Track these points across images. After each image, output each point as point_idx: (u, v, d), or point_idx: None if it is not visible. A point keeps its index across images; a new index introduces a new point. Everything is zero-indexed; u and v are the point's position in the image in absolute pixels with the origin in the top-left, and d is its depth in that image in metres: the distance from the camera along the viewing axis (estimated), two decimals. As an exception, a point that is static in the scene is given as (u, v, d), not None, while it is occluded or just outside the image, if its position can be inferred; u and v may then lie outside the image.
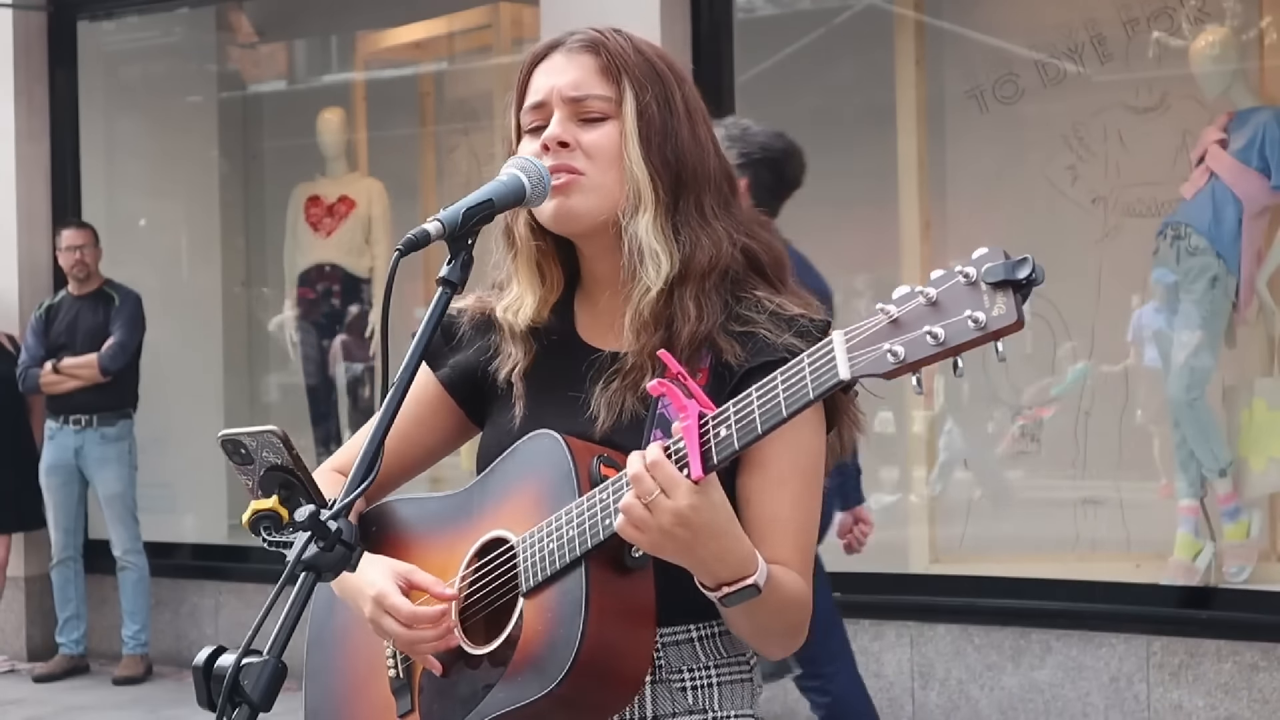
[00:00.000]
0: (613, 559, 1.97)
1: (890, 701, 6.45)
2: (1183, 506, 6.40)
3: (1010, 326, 1.66)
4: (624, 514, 1.87)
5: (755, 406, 1.81)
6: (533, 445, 2.08)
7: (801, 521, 2.05)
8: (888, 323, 1.72)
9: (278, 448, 1.90)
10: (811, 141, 5.57)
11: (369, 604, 2.09)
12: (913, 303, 1.71)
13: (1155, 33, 6.68)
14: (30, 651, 8.50)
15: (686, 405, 1.85)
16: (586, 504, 1.97)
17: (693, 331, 2.04)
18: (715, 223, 2.09)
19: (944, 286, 1.70)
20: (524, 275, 2.17)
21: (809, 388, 1.77)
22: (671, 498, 1.84)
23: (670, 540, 1.86)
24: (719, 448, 1.84)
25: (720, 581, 1.91)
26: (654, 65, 2.12)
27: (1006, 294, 1.66)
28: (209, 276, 9.34)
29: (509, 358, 2.19)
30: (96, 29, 9.07)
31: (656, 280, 2.05)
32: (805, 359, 1.78)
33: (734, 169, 2.19)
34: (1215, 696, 5.89)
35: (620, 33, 2.14)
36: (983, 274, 1.68)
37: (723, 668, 2.10)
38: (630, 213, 2.07)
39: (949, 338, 1.68)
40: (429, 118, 9.18)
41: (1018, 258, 1.67)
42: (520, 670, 2.00)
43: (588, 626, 1.94)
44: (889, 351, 1.71)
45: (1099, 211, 6.78)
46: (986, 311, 1.67)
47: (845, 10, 7.58)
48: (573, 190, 2.08)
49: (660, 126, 2.08)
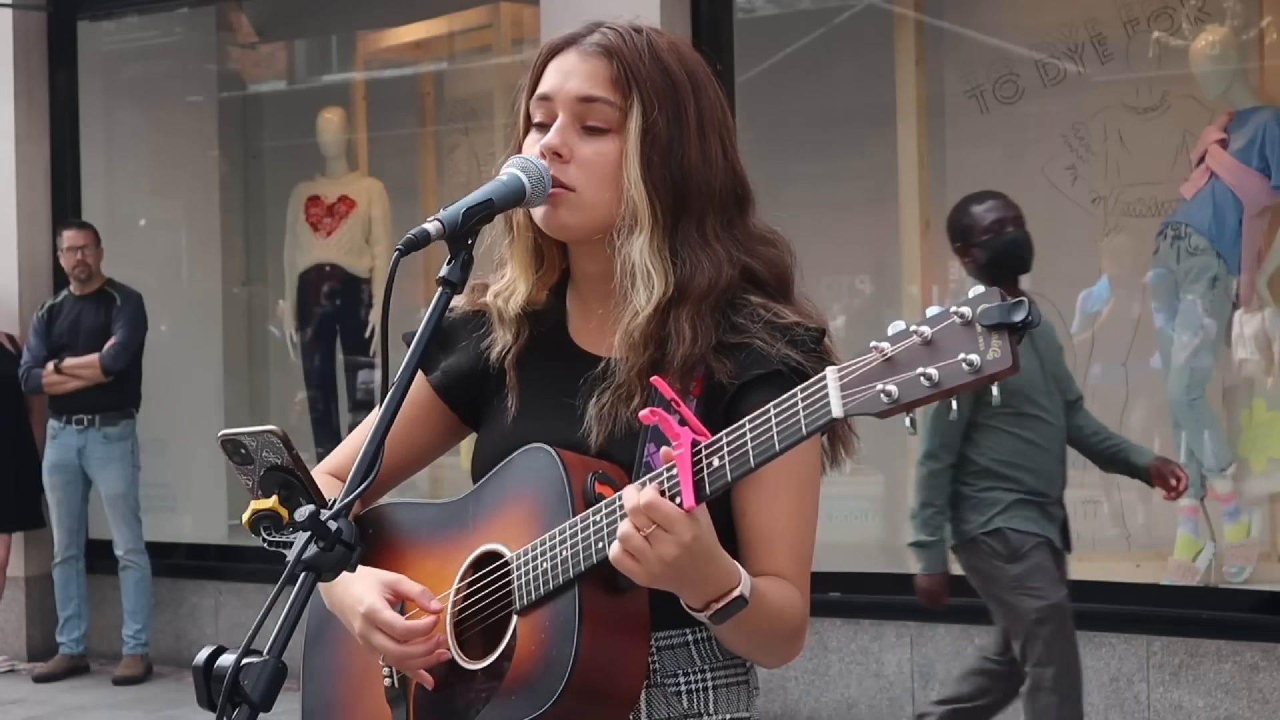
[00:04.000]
0: (606, 578, 1.96)
1: (890, 701, 6.45)
2: (1183, 506, 6.40)
3: (1005, 371, 1.65)
4: (621, 544, 1.86)
5: (748, 439, 1.80)
6: (528, 459, 2.07)
7: (798, 533, 2.04)
8: (882, 361, 1.71)
9: (278, 448, 1.90)
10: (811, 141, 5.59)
11: (358, 620, 2.08)
12: (907, 341, 1.70)
13: (1155, 33, 6.69)
14: (30, 651, 8.50)
15: (680, 433, 1.84)
16: (580, 525, 1.96)
17: (686, 354, 2.02)
18: (716, 244, 2.05)
19: (939, 326, 1.69)
20: (518, 261, 2.16)
21: (802, 424, 1.76)
22: (672, 533, 1.84)
23: (668, 570, 1.85)
24: (711, 478, 1.83)
25: (707, 600, 1.91)
26: (671, 75, 2.06)
27: (1002, 336, 1.65)
28: (209, 276, 9.34)
29: (499, 341, 2.18)
30: (96, 29, 9.07)
31: (646, 305, 2.03)
32: (799, 393, 1.77)
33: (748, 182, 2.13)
34: (1215, 696, 5.89)
35: (642, 34, 2.08)
36: (978, 315, 1.67)
37: (718, 671, 2.10)
38: (625, 233, 2.04)
39: (943, 379, 1.67)
40: (429, 118, 9.19)
41: (1014, 300, 1.66)
42: (514, 689, 2.00)
43: (580, 648, 1.94)
44: (882, 391, 1.70)
45: (1099, 211, 6.78)
46: (981, 354, 1.66)
47: (845, 10, 7.58)
48: (560, 204, 2.05)
49: (665, 145, 2.04)
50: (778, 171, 7.37)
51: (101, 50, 9.15)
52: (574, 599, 1.96)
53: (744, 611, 1.91)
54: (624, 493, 1.88)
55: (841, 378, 1.74)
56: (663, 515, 1.83)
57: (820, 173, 7.67)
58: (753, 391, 2.00)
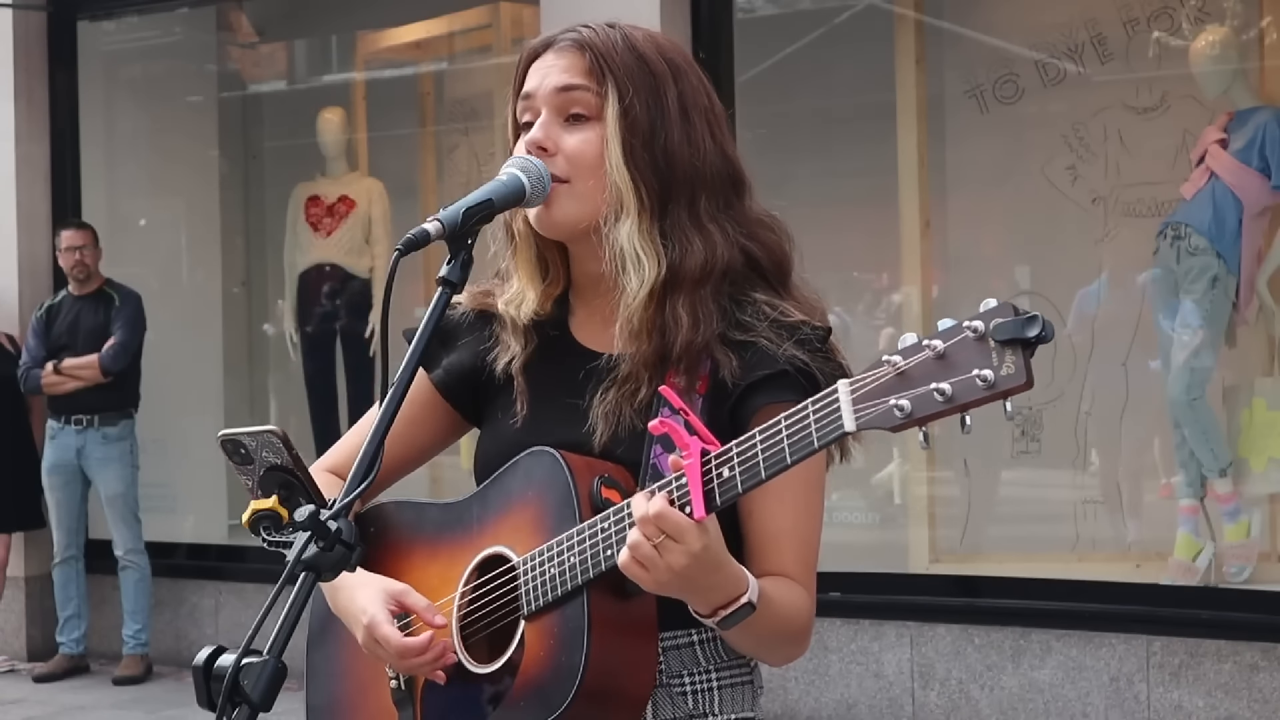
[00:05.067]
0: (614, 584, 1.96)
1: (890, 701, 6.45)
2: (1183, 506, 6.40)
3: (1020, 387, 1.63)
4: (630, 552, 1.85)
5: (759, 450, 1.79)
6: (533, 462, 2.06)
7: (804, 534, 2.04)
8: (894, 375, 1.70)
9: (278, 448, 1.90)
10: (811, 141, 5.58)
11: (361, 631, 2.09)
12: (920, 355, 1.68)
13: (1155, 33, 6.68)
14: (30, 651, 8.50)
15: (689, 442, 1.82)
16: (589, 531, 1.95)
17: (688, 340, 2.02)
18: (710, 225, 2.06)
19: (952, 341, 1.67)
20: (524, 270, 2.16)
21: (814, 438, 1.75)
22: (682, 543, 1.83)
23: (677, 578, 1.85)
24: (722, 489, 1.82)
25: (715, 607, 1.91)
26: (646, 62, 2.08)
27: (1016, 352, 1.63)
28: (209, 276, 9.34)
29: (508, 349, 2.17)
30: (96, 29, 9.07)
31: (639, 288, 2.03)
32: (810, 406, 1.76)
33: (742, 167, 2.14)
34: (1215, 696, 5.89)
35: (615, 28, 2.10)
36: (991, 330, 1.65)
37: (723, 671, 2.10)
38: (612, 219, 2.05)
39: (956, 395, 1.66)
40: (429, 118, 9.18)
41: (1027, 315, 1.64)
42: (523, 695, 2.00)
43: (590, 654, 1.94)
44: (895, 406, 1.69)
45: (1099, 211, 6.78)
46: (995, 370, 1.64)
47: (845, 10, 7.58)
48: (554, 197, 2.06)
49: (647, 129, 2.05)
50: (778, 171, 7.37)
51: (101, 50, 9.15)
52: (583, 605, 1.96)
53: (752, 616, 1.91)
54: (633, 501, 1.88)
55: (853, 391, 1.72)
56: (672, 525, 1.83)
57: (820, 172, 7.67)
58: (758, 392, 2.00)
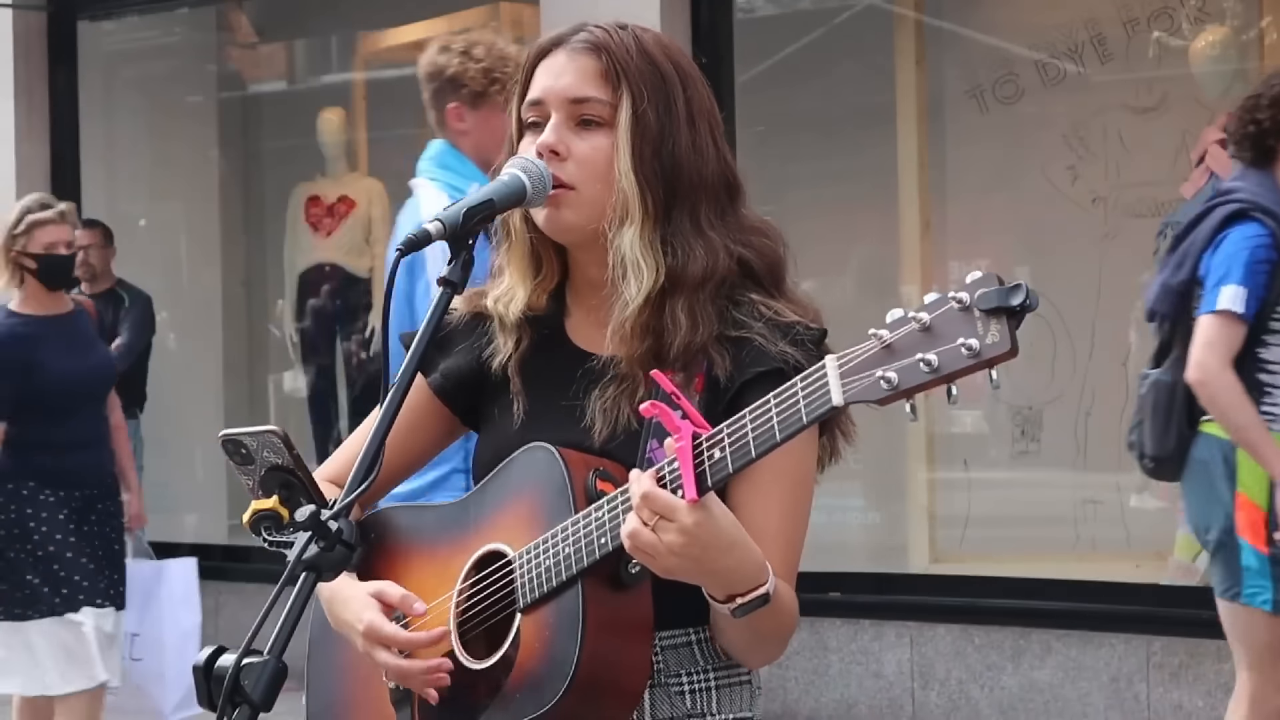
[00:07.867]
0: (609, 575, 1.96)
1: (890, 701, 6.45)
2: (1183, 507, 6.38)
3: (1004, 354, 1.65)
4: (631, 539, 1.86)
5: (749, 429, 1.81)
6: (528, 458, 2.07)
7: (790, 532, 2.04)
8: (880, 348, 1.71)
9: (278, 448, 1.90)
10: (811, 142, 5.59)
11: (360, 639, 2.09)
12: (905, 328, 1.70)
13: (1155, 33, 6.69)
14: (30, 651, 8.48)
15: (680, 426, 1.84)
16: (583, 521, 1.96)
17: (686, 341, 2.03)
18: (710, 233, 2.07)
19: (937, 312, 1.69)
20: (516, 267, 2.16)
21: (802, 413, 1.76)
22: (674, 521, 1.84)
23: (681, 559, 1.85)
24: (713, 470, 1.83)
25: (732, 593, 1.91)
26: (658, 67, 2.08)
27: (1001, 321, 1.65)
28: (209, 276, 9.34)
29: (500, 345, 2.18)
30: (96, 29, 9.07)
31: (637, 295, 2.03)
32: (799, 383, 1.78)
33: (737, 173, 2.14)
34: (1215, 696, 5.89)
35: (627, 30, 2.10)
36: (976, 300, 1.67)
37: (721, 671, 2.10)
38: (615, 225, 2.05)
39: (942, 365, 1.67)
40: (429, 118, 9.18)
41: (1011, 284, 1.66)
42: (518, 688, 2.00)
43: (584, 645, 1.94)
44: (882, 378, 1.70)
45: (1099, 211, 6.78)
46: (980, 339, 1.66)
47: (845, 10, 7.58)
48: (562, 204, 2.07)
49: (656, 135, 2.05)
50: (777, 172, 7.37)
51: (101, 50, 9.15)
52: (577, 596, 1.96)
53: (763, 610, 1.92)
54: (631, 477, 1.88)
55: (841, 366, 1.74)
56: (663, 505, 1.84)
57: (820, 172, 7.67)
58: (753, 390, 2.00)
